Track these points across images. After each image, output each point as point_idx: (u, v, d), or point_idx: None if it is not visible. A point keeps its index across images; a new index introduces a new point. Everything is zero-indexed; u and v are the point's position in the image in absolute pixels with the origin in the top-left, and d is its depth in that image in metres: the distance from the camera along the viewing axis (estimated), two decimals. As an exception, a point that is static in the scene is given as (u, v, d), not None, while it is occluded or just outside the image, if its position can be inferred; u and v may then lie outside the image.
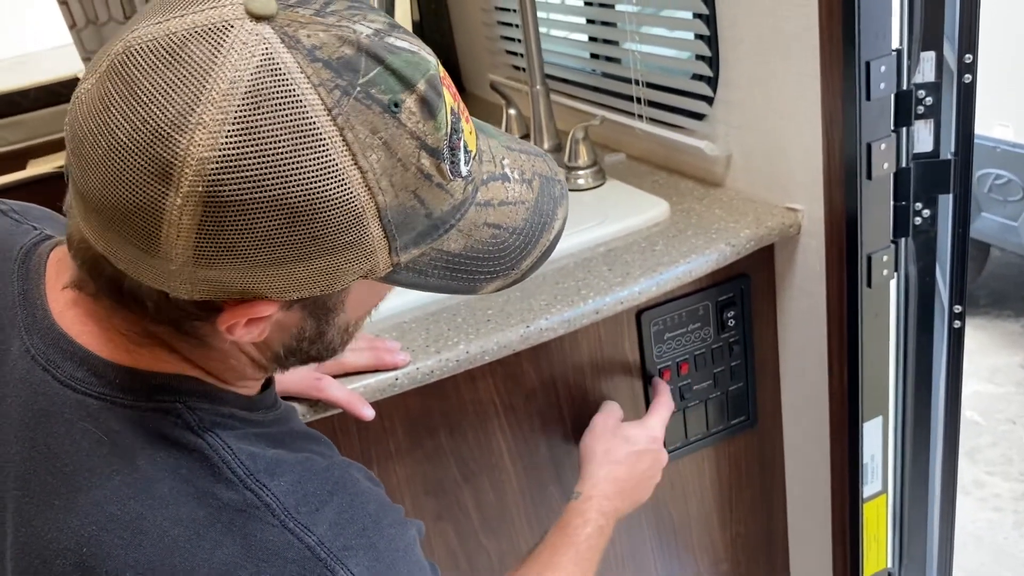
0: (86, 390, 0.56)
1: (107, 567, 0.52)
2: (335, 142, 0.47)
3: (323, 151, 0.47)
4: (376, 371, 0.90)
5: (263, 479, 0.56)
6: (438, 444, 1.04)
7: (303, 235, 0.48)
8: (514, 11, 1.61)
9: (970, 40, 0.93)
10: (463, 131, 0.54)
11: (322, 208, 0.48)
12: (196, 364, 0.59)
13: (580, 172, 1.25)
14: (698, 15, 1.14)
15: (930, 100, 0.96)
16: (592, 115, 1.33)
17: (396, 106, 0.49)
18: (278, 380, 0.86)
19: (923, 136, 0.99)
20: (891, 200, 1.01)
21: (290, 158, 0.47)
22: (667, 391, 1.08)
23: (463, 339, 0.93)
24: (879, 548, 1.23)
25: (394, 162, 0.50)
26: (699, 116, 1.20)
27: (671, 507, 1.24)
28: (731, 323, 1.14)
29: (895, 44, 0.94)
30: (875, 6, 0.90)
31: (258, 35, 0.47)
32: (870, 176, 0.98)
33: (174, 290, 0.51)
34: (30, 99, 2.46)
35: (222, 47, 0.46)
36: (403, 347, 0.92)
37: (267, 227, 0.48)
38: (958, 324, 1.08)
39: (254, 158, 0.46)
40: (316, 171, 0.47)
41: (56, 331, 0.57)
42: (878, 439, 1.14)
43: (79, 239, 0.54)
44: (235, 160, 0.46)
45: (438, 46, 1.98)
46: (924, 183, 1.00)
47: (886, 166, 0.98)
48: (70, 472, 0.55)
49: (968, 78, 0.94)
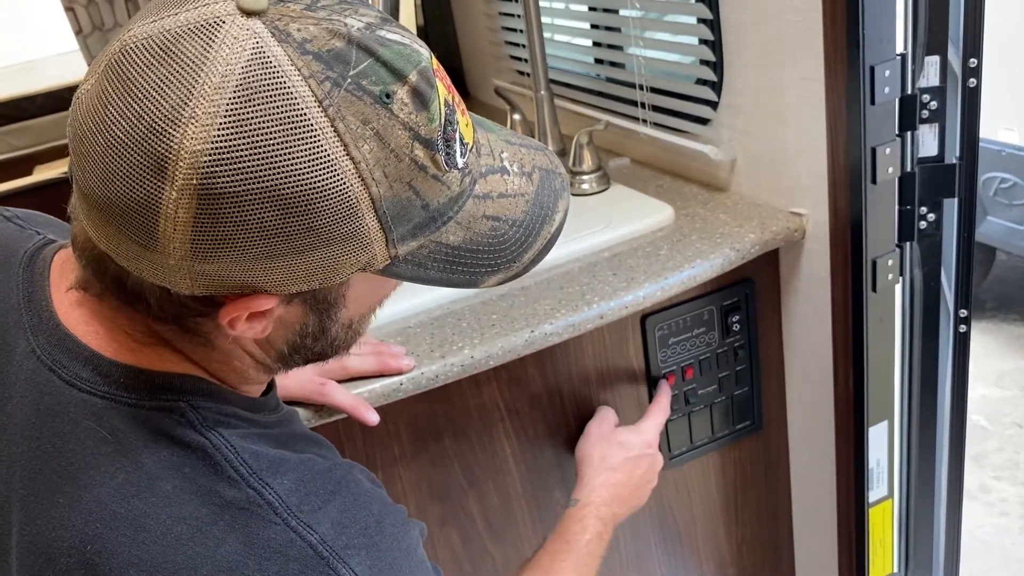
0: (91, 389, 0.56)
1: (110, 564, 0.53)
2: (326, 133, 0.48)
3: (314, 142, 0.48)
4: (381, 376, 0.90)
5: (266, 477, 0.56)
6: (443, 449, 1.04)
7: (298, 227, 0.49)
8: (518, 16, 1.61)
9: (975, 44, 0.93)
10: (458, 123, 0.55)
11: (315, 199, 0.48)
12: (200, 364, 0.59)
13: (584, 177, 1.25)
14: (702, 20, 1.14)
15: (935, 104, 0.96)
16: (596, 120, 1.34)
17: (388, 97, 0.50)
18: (282, 385, 0.86)
19: (928, 140, 0.99)
20: (896, 204, 1.01)
21: (281, 149, 0.47)
22: (667, 396, 1.08)
23: (468, 344, 0.94)
24: (885, 553, 1.22)
25: (387, 153, 0.50)
26: (703, 121, 1.20)
27: (676, 511, 1.24)
28: (736, 328, 1.14)
29: (899, 48, 0.94)
30: (879, 10, 0.90)
31: (249, 30, 0.48)
32: (875, 180, 0.97)
33: (174, 285, 0.51)
34: (36, 105, 2.47)
35: (214, 42, 0.47)
36: (408, 352, 0.93)
37: (262, 219, 0.48)
38: (964, 328, 1.08)
39: (246, 150, 0.47)
40: (308, 162, 0.48)
41: (61, 331, 0.58)
42: (884, 444, 1.14)
43: (83, 239, 0.54)
44: (227, 152, 0.47)
45: (442, 51, 1.99)
46: (929, 187, 1.00)
47: (891, 170, 0.98)
48: (74, 470, 0.55)
49: (973, 82, 0.94)
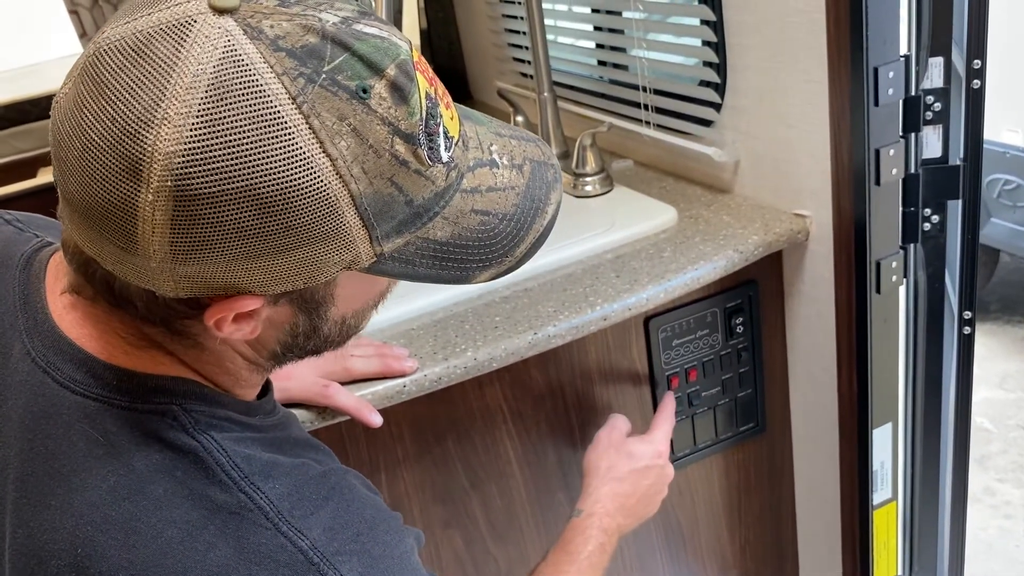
0: (84, 392, 0.56)
1: (100, 568, 0.53)
2: (301, 130, 0.47)
3: (289, 139, 0.47)
4: (384, 378, 0.90)
5: (257, 482, 0.56)
6: (446, 451, 1.04)
7: (277, 226, 0.48)
8: (521, 19, 1.61)
9: (979, 45, 0.93)
10: (441, 116, 0.54)
11: (292, 198, 0.48)
12: (192, 367, 0.59)
13: (588, 179, 1.25)
14: (706, 22, 1.14)
15: (939, 106, 0.96)
16: (599, 122, 1.33)
17: (364, 92, 0.49)
18: (284, 387, 0.86)
19: (932, 142, 0.98)
20: (900, 206, 1.01)
21: (255, 148, 0.47)
22: (672, 404, 1.07)
23: (471, 346, 0.93)
24: (889, 556, 1.22)
25: (365, 148, 0.49)
26: (707, 122, 1.20)
27: (680, 514, 1.23)
28: (739, 329, 1.14)
29: (903, 50, 0.93)
30: (883, 12, 0.90)
31: (220, 28, 0.47)
32: (879, 182, 0.97)
33: (159, 288, 0.51)
34: (40, 108, 2.47)
35: (185, 42, 0.47)
36: (411, 354, 0.93)
37: (239, 219, 0.48)
38: (968, 330, 1.08)
39: (219, 150, 0.46)
40: (283, 160, 0.47)
41: (56, 334, 0.58)
42: (888, 446, 1.14)
43: (72, 244, 0.54)
44: (201, 153, 0.46)
45: (445, 54, 1.99)
46: (933, 189, 1.00)
47: (895, 172, 0.98)
48: (66, 473, 0.55)
49: (977, 83, 0.94)
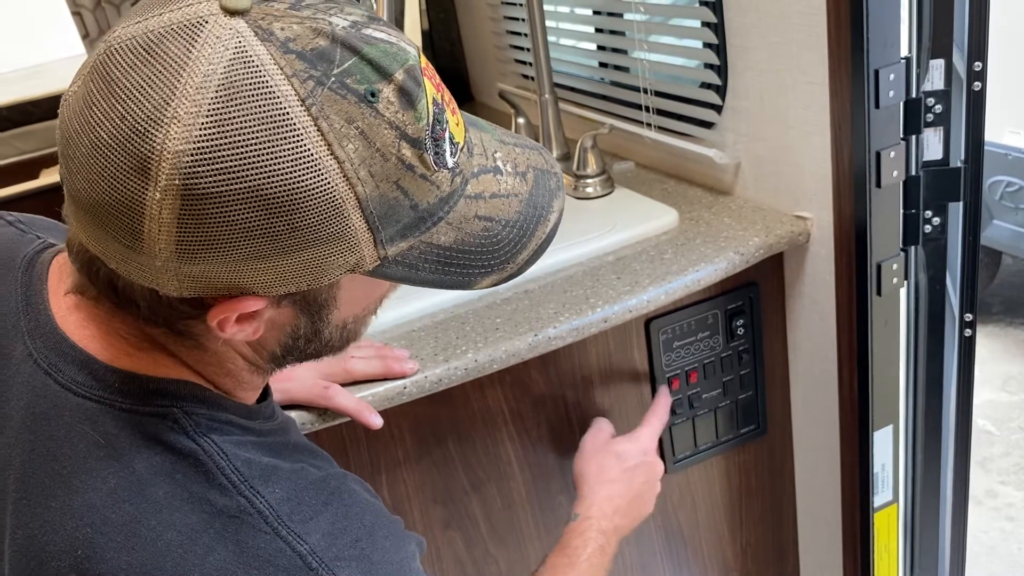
0: (86, 393, 0.56)
1: (100, 569, 0.53)
2: (309, 132, 0.48)
3: (297, 141, 0.47)
4: (384, 379, 0.90)
5: (257, 486, 0.56)
6: (446, 452, 1.04)
7: (283, 227, 0.49)
8: (523, 20, 1.61)
9: (979, 47, 0.93)
10: (447, 122, 0.54)
11: (299, 199, 0.48)
12: (194, 369, 0.59)
13: (589, 180, 1.25)
14: (706, 24, 1.14)
15: (939, 108, 0.96)
16: (601, 124, 1.34)
17: (373, 96, 0.49)
18: (285, 389, 0.86)
19: (933, 144, 0.98)
20: (901, 208, 1.01)
21: (264, 148, 0.47)
22: (665, 404, 1.07)
23: (471, 347, 0.94)
24: (890, 558, 1.22)
25: (372, 152, 0.50)
26: (708, 124, 1.20)
27: (680, 516, 1.23)
28: (740, 331, 1.14)
29: (904, 52, 0.93)
30: (883, 14, 0.90)
31: (232, 29, 0.48)
32: (879, 184, 0.97)
33: (162, 287, 0.51)
34: (43, 109, 2.48)
35: (196, 42, 0.47)
36: (412, 355, 0.93)
37: (246, 219, 0.48)
38: (969, 332, 1.08)
39: (228, 149, 0.47)
40: (291, 161, 0.47)
41: (58, 335, 0.58)
42: (889, 448, 1.14)
43: (77, 243, 0.54)
44: (209, 152, 0.46)
45: (447, 56, 1.99)
46: (934, 191, 1.00)
47: (895, 174, 0.98)
48: (67, 474, 0.55)
49: (978, 85, 0.94)
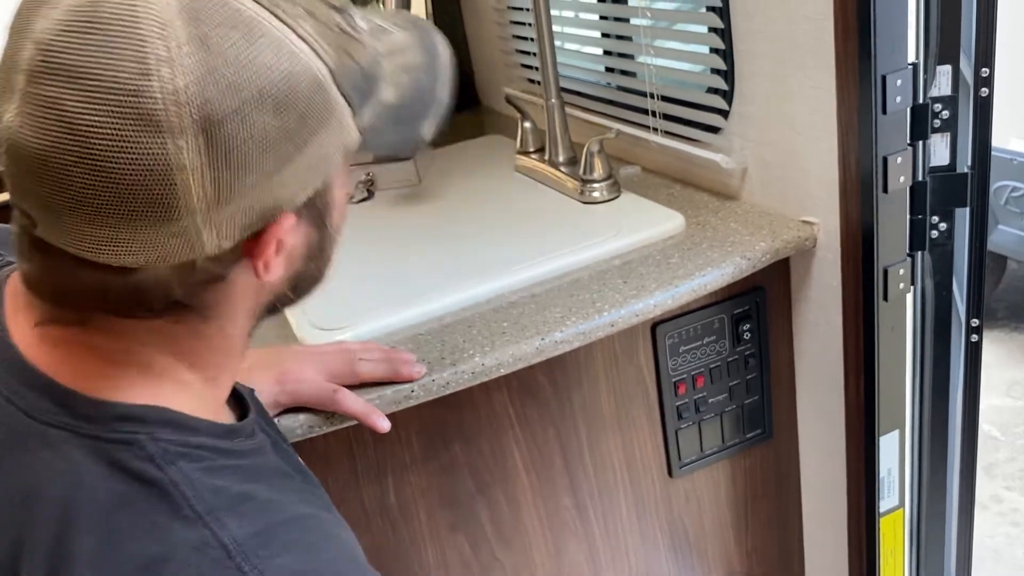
0: (49, 420, 0.54)
1: None
2: (273, 23, 0.50)
3: (270, 34, 0.49)
4: (391, 383, 0.91)
5: (223, 517, 0.54)
6: (453, 456, 1.04)
7: (294, 121, 0.50)
8: (529, 25, 1.62)
9: (987, 54, 0.93)
10: None
11: (295, 87, 0.50)
12: (176, 379, 0.58)
13: (595, 185, 1.25)
14: (713, 29, 1.14)
15: (946, 114, 0.96)
16: (607, 128, 1.34)
17: None
18: (295, 391, 0.86)
19: (939, 149, 0.99)
20: (907, 213, 1.01)
21: (250, 51, 0.48)
22: None
23: (478, 351, 0.94)
24: (896, 563, 1.22)
25: (320, 26, 0.52)
26: (714, 129, 1.20)
27: (686, 520, 1.23)
28: (747, 336, 1.14)
29: (911, 58, 0.94)
30: (891, 20, 0.90)
31: None
32: (886, 189, 0.97)
33: (202, 248, 0.50)
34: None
35: None
36: (418, 359, 0.93)
37: (264, 127, 0.49)
38: (975, 338, 1.08)
39: (222, 65, 0.47)
40: (274, 54, 0.49)
41: (19, 360, 0.56)
42: (895, 453, 1.14)
43: (39, 277, 0.53)
44: (208, 74, 0.47)
45: (454, 60, 1.99)
46: (941, 196, 1.00)
47: (902, 179, 0.98)
48: (30, 503, 0.53)
49: (985, 92, 0.94)
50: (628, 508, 1.18)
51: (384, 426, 0.89)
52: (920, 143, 0.98)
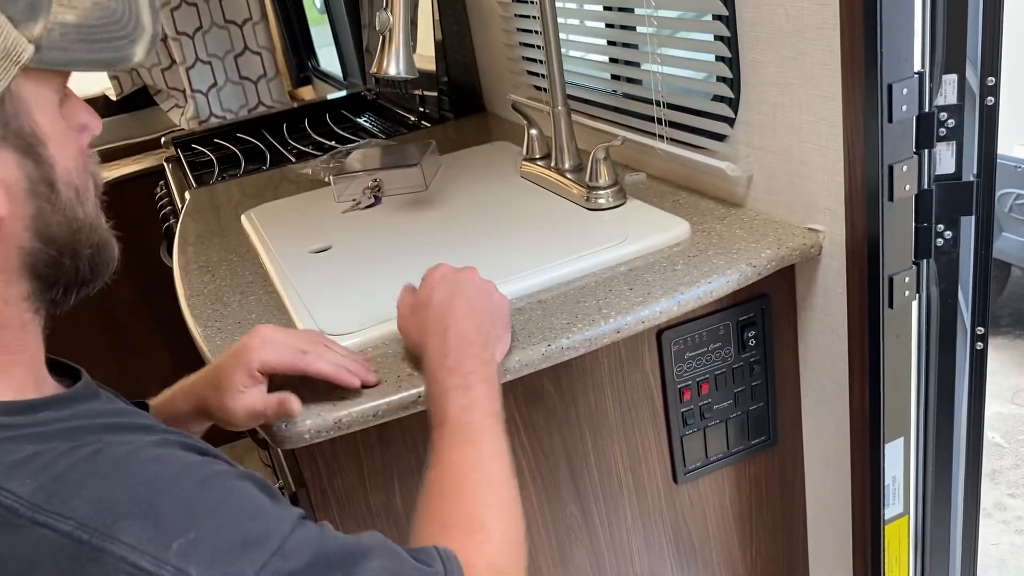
0: None
1: None
2: None
3: None
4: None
5: (4, 483, 0.51)
6: (459, 461, 1.04)
7: None
8: (536, 33, 1.63)
9: (992, 63, 0.93)
10: None
11: None
12: None
13: (601, 191, 1.26)
14: (719, 37, 1.15)
15: (952, 122, 0.96)
16: (613, 135, 1.34)
17: None
18: (261, 360, 0.84)
19: (945, 158, 0.99)
20: (913, 221, 1.01)
21: None
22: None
23: (485, 357, 0.94)
24: (901, 570, 1.22)
25: None
26: (720, 137, 1.21)
27: (691, 526, 1.24)
28: (752, 343, 1.15)
29: (917, 67, 0.94)
30: (897, 29, 0.91)
31: None
32: (892, 198, 0.98)
33: None
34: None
35: None
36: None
37: None
38: (980, 346, 1.08)
39: None
40: None
41: None
42: (900, 460, 1.14)
43: None
44: None
45: (460, 67, 2.01)
46: (946, 205, 1.01)
47: (908, 188, 0.98)
48: None
49: (991, 100, 0.95)
50: (633, 514, 1.18)
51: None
52: (926, 151, 0.98)
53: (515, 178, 1.46)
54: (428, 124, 2.08)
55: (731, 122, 1.18)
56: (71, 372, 0.67)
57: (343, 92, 2.64)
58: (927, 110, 0.96)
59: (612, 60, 1.48)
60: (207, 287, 1.24)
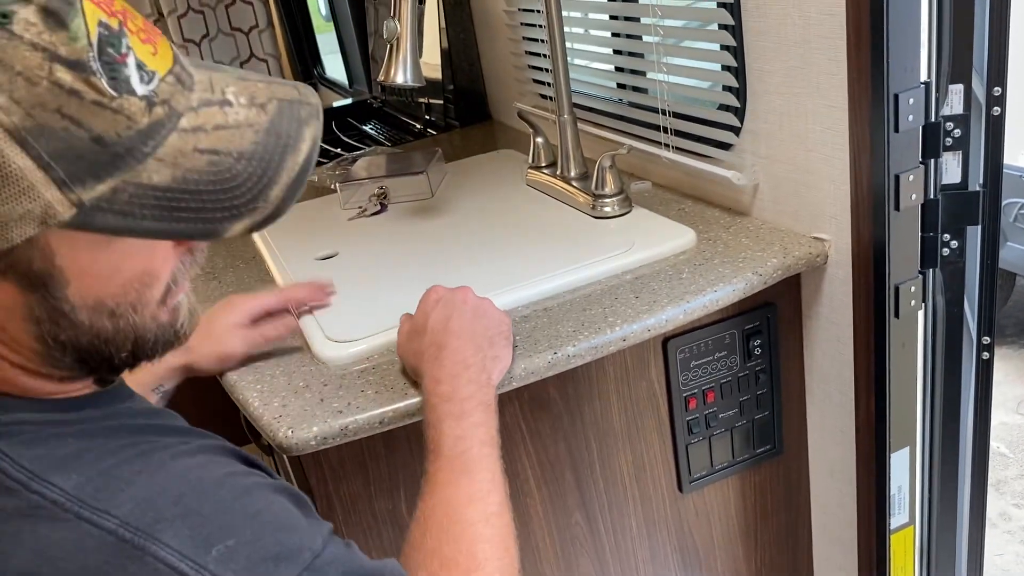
0: None
1: None
2: None
3: None
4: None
5: (50, 476, 0.52)
6: (465, 469, 1.04)
7: None
8: (542, 41, 1.63)
9: (999, 73, 0.93)
10: (132, 49, 0.50)
11: None
12: None
13: (607, 200, 1.26)
14: (726, 47, 1.15)
15: (958, 132, 0.96)
16: (619, 144, 1.35)
17: (4, 17, 0.46)
18: (229, 355, 0.95)
19: (951, 167, 0.99)
20: (919, 231, 1.01)
21: None
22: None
23: (492, 365, 0.94)
24: (906, 580, 1.22)
25: (11, 76, 0.46)
26: (726, 146, 1.21)
27: (696, 535, 1.24)
28: (757, 351, 1.14)
29: (923, 77, 0.94)
30: (904, 39, 0.91)
31: None
32: (898, 207, 0.98)
33: None
34: None
35: None
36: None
37: None
38: (986, 355, 1.08)
39: None
40: None
41: None
42: (906, 470, 1.14)
43: None
44: None
45: (466, 74, 2.01)
46: (952, 214, 1.01)
47: (914, 197, 0.98)
48: None
49: (997, 111, 0.95)
50: (638, 523, 1.18)
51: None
52: (932, 161, 0.98)
53: (521, 186, 1.47)
54: (434, 132, 2.09)
55: (737, 131, 1.18)
56: None
57: (348, 100, 2.65)
58: (933, 120, 0.96)
59: (618, 69, 1.48)
60: (213, 293, 1.25)
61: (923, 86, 0.94)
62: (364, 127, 2.39)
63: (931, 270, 1.04)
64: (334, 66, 3.15)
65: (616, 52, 1.46)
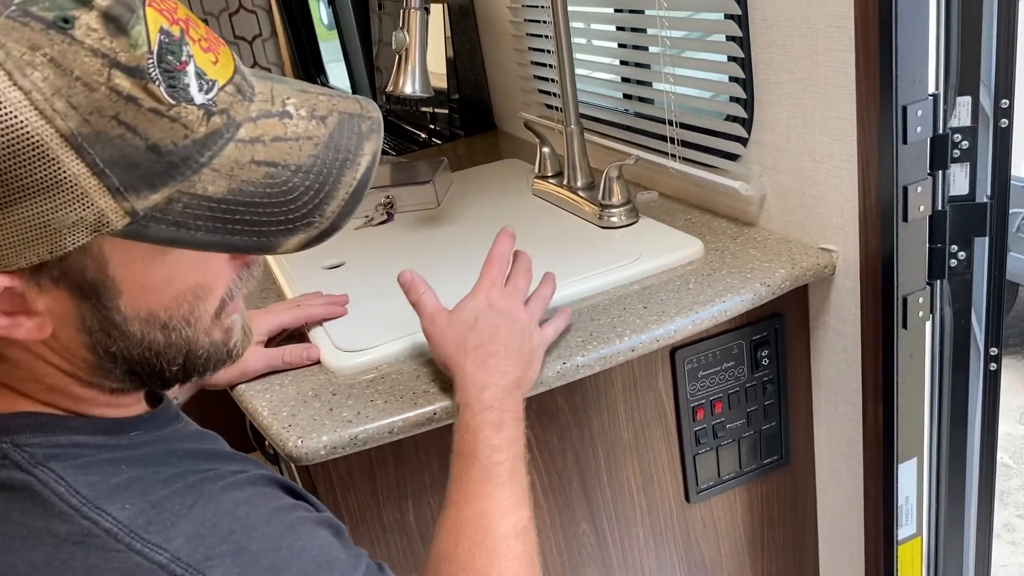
0: None
1: None
2: None
3: None
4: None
5: (103, 505, 0.52)
6: (473, 479, 1.04)
7: None
8: (548, 52, 1.64)
9: (1007, 85, 0.94)
10: (192, 57, 0.50)
11: None
12: (21, 392, 0.56)
13: (614, 210, 1.26)
14: (733, 58, 1.15)
15: (966, 144, 0.97)
16: (626, 154, 1.35)
17: (66, 22, 0.45)
18: (243, 371, 0.95)
19: (959, 179, 0.99)
20: (927, 242, 1.02)
21: None
22: (503, 242, 0.95)
23: (501, 375, 0.94)
24: (913, 592, 1.21)
25: (70, 81, 0.45)
26: (733, 156, 1.21)
27: (703, 546, 1.23)
28: (765, 362, 1.15)
29: (932, 89, 0.95)
30: (912, 51, 0.91)
31: None
32: (906, 218, 0.98)
33: None
34: None
35: None
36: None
37: None
38: (994, 366, 1.08)
39: None
40: None
41: None
42: (913, 481, 1.14)
43: None
44: None
45: (472, 84, 2.02)
46: (960, 226, 1.01)
47: (922, 209, 0.99)
48: None
49: (1005, 123, 0.95)
50: (645, 533, 1.18)
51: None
52: (940, 173, 0.99)
53: (527, 196, 1.47)
54: (439, 141, 2.09)
55: (744, 142, 1.18)
56: None
57: (353, 109, 2.65)
58: (941, 132, 0.96)
59: (624, 79, 1.48)
60: (221, 302, 1.25)
61: (931, 98, 0.94)
62: (368, 136, 2.39)
63: (939, 281, 1.04)
64: (338, 75, 3.16)
65: (623, 63, 1.46)
